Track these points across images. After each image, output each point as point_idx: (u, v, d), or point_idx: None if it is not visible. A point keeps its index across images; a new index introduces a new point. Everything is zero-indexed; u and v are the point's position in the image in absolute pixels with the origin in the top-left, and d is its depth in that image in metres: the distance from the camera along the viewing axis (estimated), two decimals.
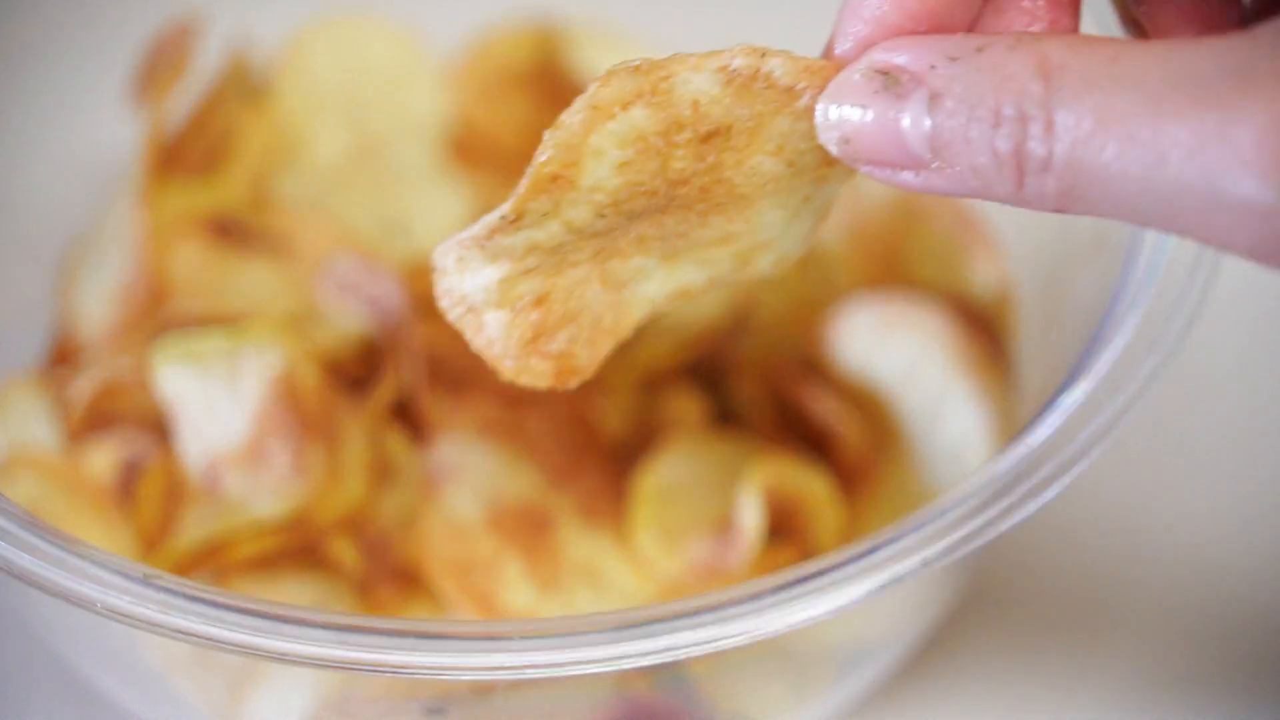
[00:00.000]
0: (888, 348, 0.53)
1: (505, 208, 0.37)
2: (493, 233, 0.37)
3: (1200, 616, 0.56)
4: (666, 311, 0.42)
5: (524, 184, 0.36)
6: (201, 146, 0.58)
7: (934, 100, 0.34)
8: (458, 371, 0.52)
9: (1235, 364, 0.62)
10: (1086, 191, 0.33)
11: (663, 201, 0.38)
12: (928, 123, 0.35)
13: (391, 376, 0.52)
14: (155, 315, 0.55)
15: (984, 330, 0.54)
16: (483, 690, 0.45)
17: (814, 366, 0.54)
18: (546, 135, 0.36)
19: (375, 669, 0.40)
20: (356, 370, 0.52)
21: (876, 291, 0.55)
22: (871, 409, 0.53)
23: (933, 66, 0.35)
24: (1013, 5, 0.37)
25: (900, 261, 0.57)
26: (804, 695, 0.50)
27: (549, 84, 0.61)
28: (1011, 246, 0.56)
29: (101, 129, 0.59)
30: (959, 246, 0.57)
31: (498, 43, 0.62)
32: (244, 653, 0.40)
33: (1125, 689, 0.55)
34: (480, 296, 0.39)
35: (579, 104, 0.36)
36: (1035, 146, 0.33)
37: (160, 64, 0.58)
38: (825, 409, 0.53)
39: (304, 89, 0.61)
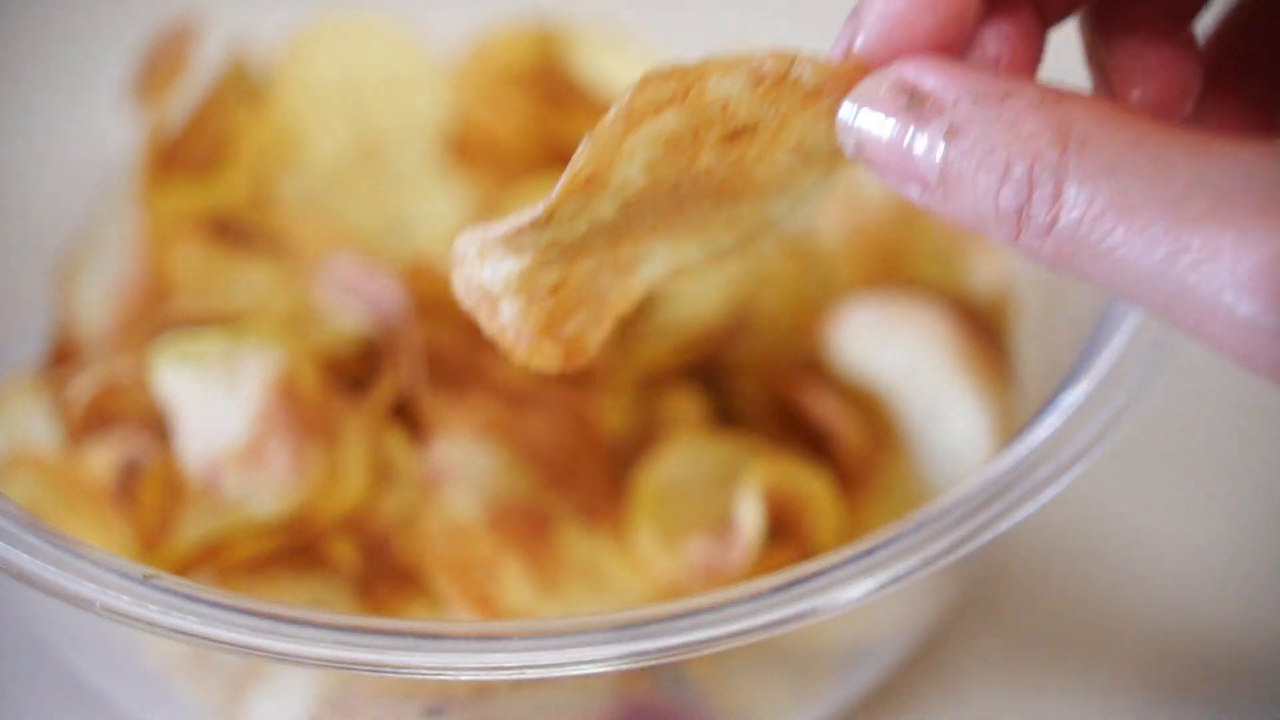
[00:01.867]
0: (888, 348, 0.53)
1: (538, 210, 0.37)
2: (520, 231, 0.38)
3: (1201, 617, 0.56)
4: (664, 291, 0.42)
5: (559, 188, 0.37)
6: (201, 146, 0.58)
7: (951, 134, 0.35)
8: (458, 371, 0.52)
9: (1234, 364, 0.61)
10: (1083, 264, 0.34)
11: (683, 193, 0.38)
12: (939, 153, 0.35)
13: (391, 376, 0.52)
14: (155, 315, 0.55)
15: (984, 330, 0.54)
16: (482, 690, 0.45)
17: (814, 366, 0.54)
18: (584, 141, 0.36)
19: (375, 669, 0.40)
20: (356, 370, 0.52)
21: (876, 291, 0.55)
22: (871, 409, 0.53)
23: (957, 100, 0.35)
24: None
25: (900, 261, 0.57)
26: (804, 695, 0.50)
27: (549, 84, 0.61)
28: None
29: (101, 129, 0.59)
30: (959, 246, 0.57)
31: (498, 43, 0.62)
32: (244, 653, 0.40)
33: (1126, 688, 0.55)
34: (499, 286, 0.39)
35: (615, 111, 0.36)
36: (1038, 210, 0.34)
37: (160, 64, 0.58)
38: (825, 409, 0.53)
39: (304, 89, 0.61)
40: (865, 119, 0.36)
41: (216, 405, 0.49)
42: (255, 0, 0.61)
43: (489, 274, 0.39)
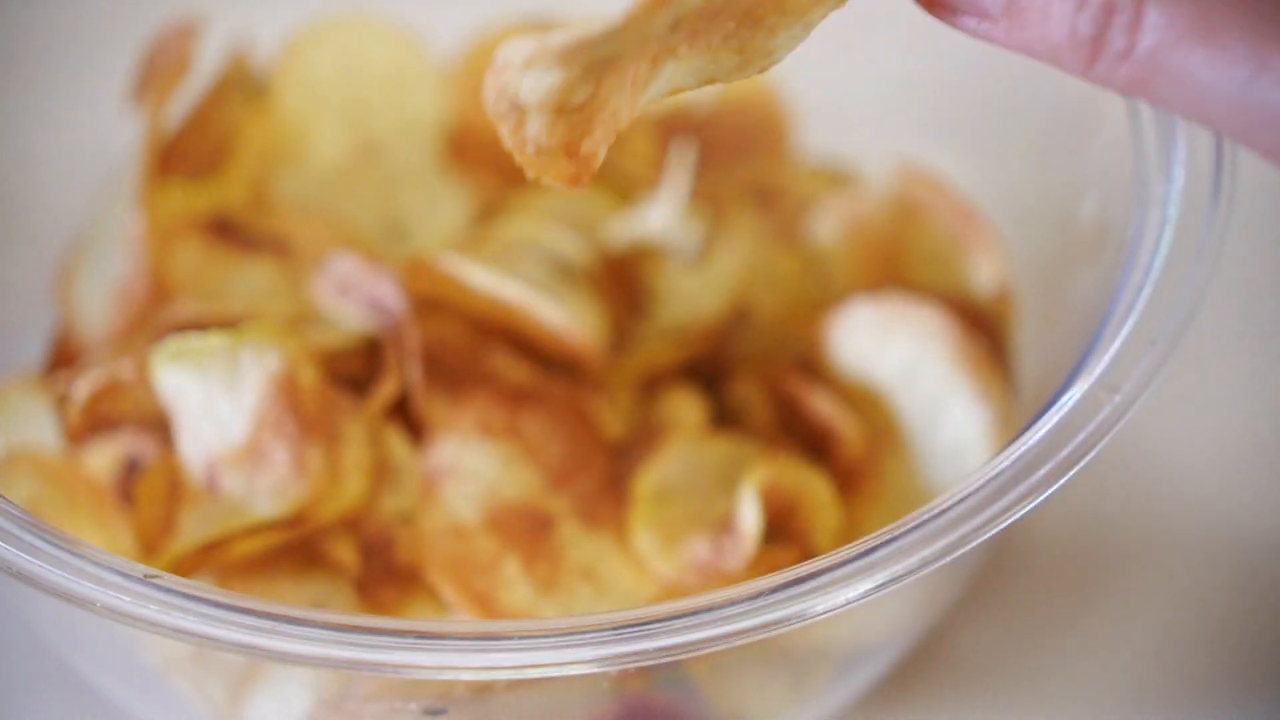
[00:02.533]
0: (887, 348, 0.53)
1: (611, 22, 0.36)
2: (582, 45, 0.37)
3: (1200, 618, 0.56)
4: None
5: (638, 3, 0.36)
6: (201, 146, 0.58)
7: None
8: (458, 371, 0.52)
9: (1235, 363, 0.61)
10: (1160, 88, 0.33)
11: (720, 12, 0.38)
12: None
13: (391, 376, 0.52)
14: (155, 315, 0.55)
15: (984, 330, 0.54)
16: (482, 690, 0.45)
17: (814, 366, 0.54)
18: None
19: (375, 669, 0.40)
20: (356, 370, 0.52)
21: (876, 291, 0.55)
22: (871, 409, 0.53)
23: None
24: None
25: (900, 261, 0.57)
26: (804, 695, 0.50)
27: None
28: (1011, 246, 0.57)
29: (101, 129, 0.59)
30: (959, 246, 0.57)
31: (498, 43, 0.62)
32: (244, 653, 0.40)
33: (1126, 688, 0.55)
34: (536, 98, 0.38)
35: None
36: (1117, 37, 0.33)
37: (160, 64, 0.58)
38: (825, 409, 0.53)
39: (304, 89, 0.61)
40: None
41: (216, 405, 0.49)
42: (255, 0, 0.61)
43: (530, 84, 0.38)
